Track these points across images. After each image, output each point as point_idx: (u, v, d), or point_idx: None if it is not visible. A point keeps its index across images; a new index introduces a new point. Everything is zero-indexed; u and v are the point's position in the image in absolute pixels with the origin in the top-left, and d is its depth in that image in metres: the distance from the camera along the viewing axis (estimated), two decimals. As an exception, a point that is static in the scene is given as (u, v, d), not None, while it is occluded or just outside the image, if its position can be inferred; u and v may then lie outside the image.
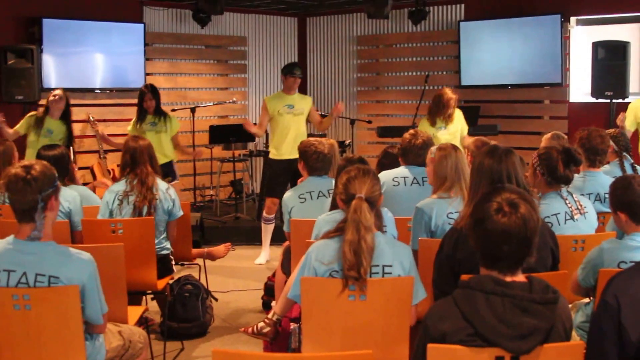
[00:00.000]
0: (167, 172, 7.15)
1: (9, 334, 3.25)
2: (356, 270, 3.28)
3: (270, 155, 7.88)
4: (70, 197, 5.01)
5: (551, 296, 2.42)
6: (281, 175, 7.61)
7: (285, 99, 7.71)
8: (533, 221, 2.45)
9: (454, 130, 7.40)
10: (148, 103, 7.81)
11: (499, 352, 2.37)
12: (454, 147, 4.48)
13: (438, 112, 7.37)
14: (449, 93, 7.42)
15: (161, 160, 7.40)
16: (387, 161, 5.70)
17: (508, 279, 2.46)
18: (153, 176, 5.17)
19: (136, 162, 5.18)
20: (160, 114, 7.90)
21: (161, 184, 5.23)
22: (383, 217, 3.94)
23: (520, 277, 2.48)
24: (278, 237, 7.31)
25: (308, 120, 7.94)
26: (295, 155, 5.56)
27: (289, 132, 7.63)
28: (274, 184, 7.63)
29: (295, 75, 7.68)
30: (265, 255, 7.94)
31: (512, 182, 3.54)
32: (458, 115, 7.53)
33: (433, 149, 4.60)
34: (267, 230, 7.85)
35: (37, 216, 3.17)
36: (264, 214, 7.77)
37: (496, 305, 2.38)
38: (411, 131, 5.45)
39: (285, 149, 7.59)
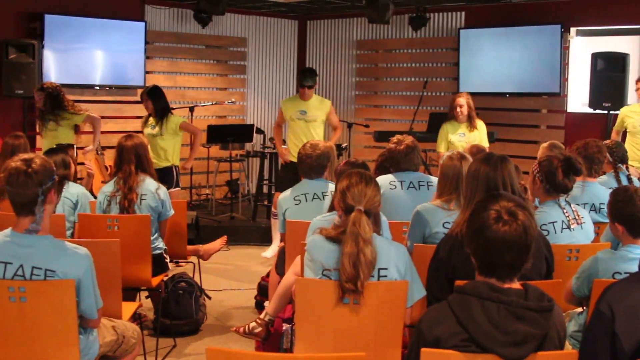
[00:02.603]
0: (165, 177, 7.00)
1: (3, 326, 3.26)
2: (353, 283, 3.28)
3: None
4: (78, 189, 5.20)
5: (546, 304, 2.43)
6: (292, 175, 7.54)
7: (299, 104, 7.68)
8: (532, 228, 2.46)
9: (472, 140, 7.38)
10: (145, 104, 7.76)
11: (492, 359, 2.38)
12: (462, 157, 4.47)
13: (450, 114, 7.57)
14: (459, 96, 7.59)
15: (162, 164, 7.39)
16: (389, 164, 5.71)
17: (505, 286, 2.46)
18: (137, 176, 5.19)
19: (122, 161, 5.24)
20: (160, 116, 7.68)
21: (150, 184, 5.25)
22: (381, 222, 3.94)
23: (516, 285, 2.49)
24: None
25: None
26: None
27: (300, 138, 7.53)
28: (284, 181, 7.57)
29: (304, 86, 7.59)
30: (274, 250, 7.78)
31: (508, 189, 3.54)
32: (481, 127, 7.59)
33: (444, 156, 4.59)
34: (276, 225, 7.76)
35: (37, 209, 3.20)
36: (273, 209, 7.74)
37: (491, 311, 2.39)
38: (394, 139, 5.45)
39: (296, 151, 7.53)
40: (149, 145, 5.93)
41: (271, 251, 7.95)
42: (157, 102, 7.68)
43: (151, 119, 7.71)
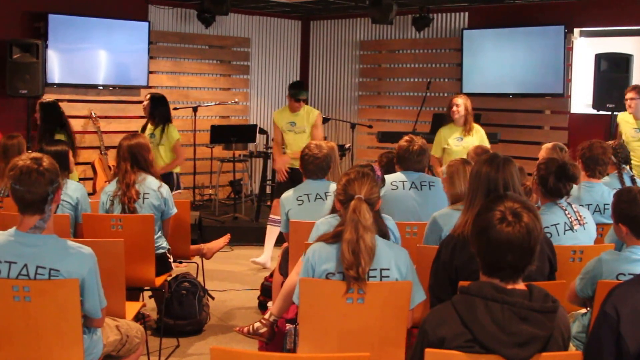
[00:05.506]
0: (166, 182, 6.97)
1: (8, 325, 3.27)
2: (355, 270, 3.29)
3: None
4: (78, 187, 5.16)
5: (550, 305, 2.43)
6: (289, 181, 7.54)
7: (288, 116, 7.64)
8: (536, 230, 2.45)
9: (470, 144, 7.13)
10: (144, 107, 7.73)
11: (496, 359, 2.38)
12: (463, 162, 4.45)
13: (447, 114, 7.51)
14: (456, 96, 7.54)
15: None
16: (389, 165, 5.72)
17: (509, 286, 2.46)
18: (133, 174, 5.19)
19: (119, 159, 5.27)
20: (160, 125, 7.60)
21: (152, 183, 5.25)
22: (387, 224, 3.94)
23: (520, 285, 2.48)
24: (278, 239, 7.28)
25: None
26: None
27: (293, 148, 7.53)
28: (282, 186, 7.57)
29: (299, 100, 7.52)
30: (266, 258, 7.79)
31: (509, 190, 3.52)
32: (477, 131, 7.46)
33: (444, 168, 4.57)
34: (272, 233, 7.68)
35: (47, 207, 3.23)
36: (271, 214, 7.72)
37: (495, 312, 2.39)
38: (406, 137, 5.44)
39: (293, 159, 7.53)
40: None
41: (262, 258, 7.87)
42: (154, 108, 7.62)
43: (149, 127, 7.67)
